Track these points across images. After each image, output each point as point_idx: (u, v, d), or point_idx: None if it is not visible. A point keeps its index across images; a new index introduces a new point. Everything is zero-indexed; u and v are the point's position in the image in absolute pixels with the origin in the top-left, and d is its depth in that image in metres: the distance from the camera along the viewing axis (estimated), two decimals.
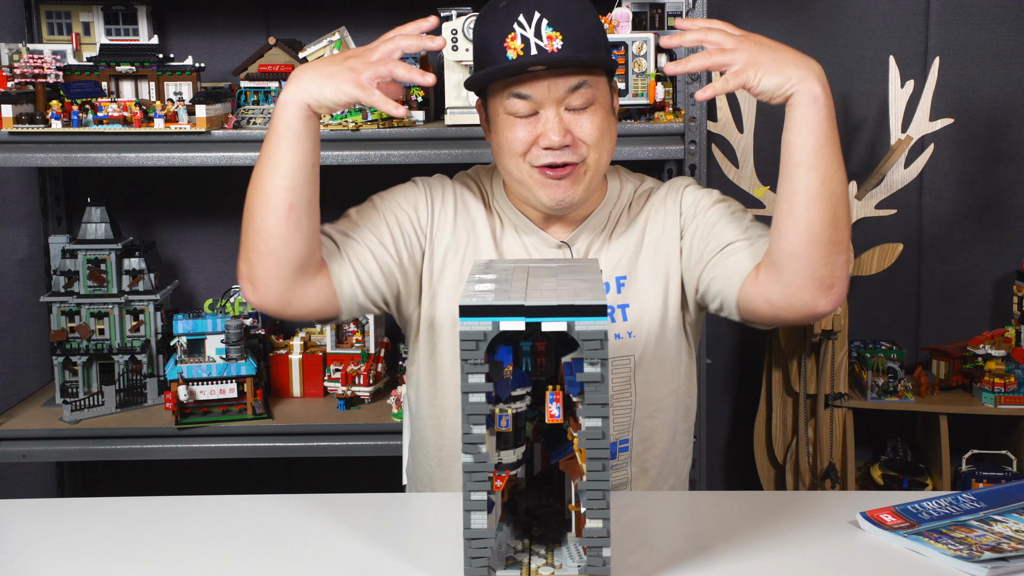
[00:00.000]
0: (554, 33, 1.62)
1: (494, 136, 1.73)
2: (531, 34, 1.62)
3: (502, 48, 1.63)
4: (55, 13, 2.88)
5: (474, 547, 1.28)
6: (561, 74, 1.64)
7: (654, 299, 1.78)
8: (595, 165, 1.70)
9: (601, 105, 1.68)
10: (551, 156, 1.66)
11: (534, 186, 1.70)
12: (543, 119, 1.66)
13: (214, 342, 2.64)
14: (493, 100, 1.71)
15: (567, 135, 1.65)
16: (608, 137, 1.70)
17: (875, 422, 3.11)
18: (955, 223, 3.15)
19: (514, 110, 1.67)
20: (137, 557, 1.46)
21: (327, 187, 3.07)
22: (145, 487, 3.16)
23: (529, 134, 1.67)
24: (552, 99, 1.65)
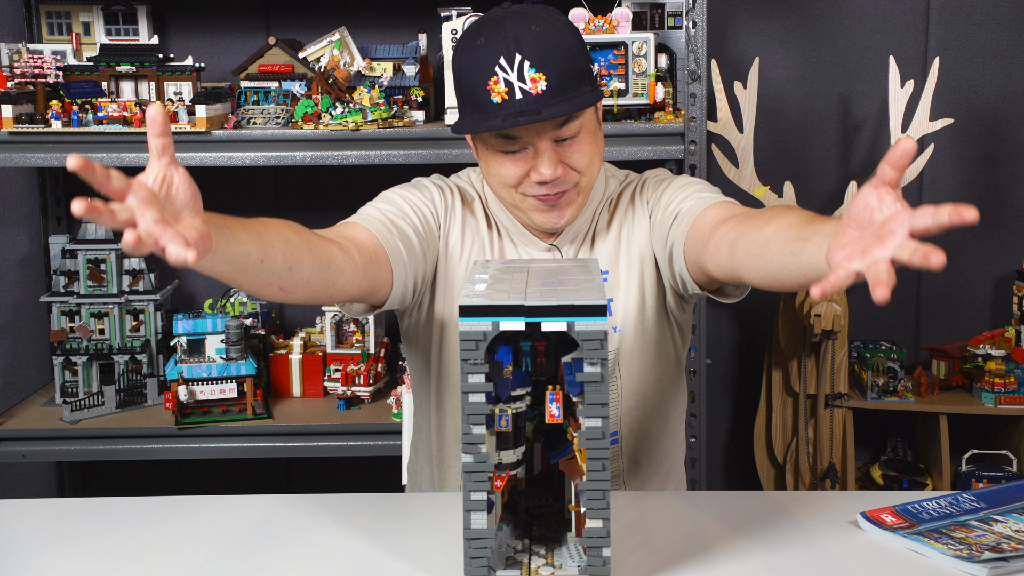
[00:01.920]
0: (537, 75, 1.59)
1: (483, 165, 1.73)
2: (514, 78, 1.60)
3: (486, 91, 1.61)
4: (55, 13, 2.88)
5: (474, 547, 1.28)
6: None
7: (633, 289, 1.79)
8: (587, 185, 1.71)
9: (588, 130, 1.68)
10: (545, 188, 1.67)
11: (528, 211, 1.71)
12: (533, 154, 1.65)
13: (214, 342, 2.64)
14: (480, 135, 1.69)
15: (559, 167, 1.65)
16: (597, 156, 1.71)
17: (875, 422, 3.11)
18: None
19: (503, 149, 1.66)
20: (137, 557, 1.46)
21: (327, 187, 3.09)
22: (145, 487, 3.16)
23: (521, 169, 1.67)
24: (542, 138, 1.64)
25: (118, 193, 1.13)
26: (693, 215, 1.65)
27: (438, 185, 1.82)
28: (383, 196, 1.79)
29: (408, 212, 1.74)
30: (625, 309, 1.79)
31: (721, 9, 3.02)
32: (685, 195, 1.72)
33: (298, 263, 1.45)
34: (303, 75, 2.70)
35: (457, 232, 1.79)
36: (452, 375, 1.79)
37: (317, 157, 2.59)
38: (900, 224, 1.11)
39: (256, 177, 3.09)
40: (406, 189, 1.81)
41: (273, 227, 1.46)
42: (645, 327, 1.79)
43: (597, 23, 2.61)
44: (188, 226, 1.18)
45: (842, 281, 1.11)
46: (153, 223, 1.12)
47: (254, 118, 2.65)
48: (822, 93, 3.11)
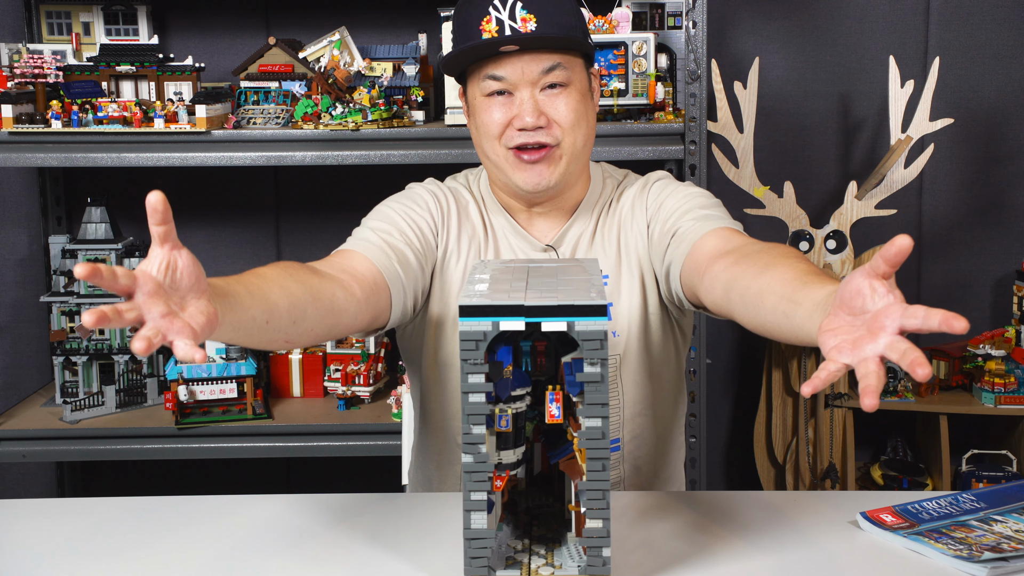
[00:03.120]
0: (528, 15, 1.64)
1: (472, 121, 1.75)
2: (505, 16, 1.65)
3: (477, 31, 1.66)
4: (55, 13, 2.88)
5: (474, 547, 1.27)
6: (535, 56, 1.66)
7: (634, 296, 1.78)
8: (570, 149, 1.70)
9: (577, 88, 1.70)
10: (525, 136, 1.68)
11: (510, 170, 1.71)
12: (517, 100, 1.68)
13: (214, 342, 2.64)
14: (471, 84, 1.73)
15: (541, 116, 1.67)
16: (584, 122, 1.71)
17: (875, 422, 3.11)
18: (955, 223, 3.15)
19: (489, 91, 1.69)
20: (137, 557, 1.46)
21: (327, 187, 3.09)
22: (145, 487, 3.16)
23: (504, 115, 1.68)
24: (526, 80, 1.67)
25: (125, 290, 1.14)
26: (692, 240, 1.64)
27: (432, 192, 1.82)
28: (379, 212, 1.79)
29: (405, 229, 1.74)
30: (628, 314, 1.78)
31: (721, 9, 3.02)
32: (685, 210, 1.72)
33: (302, 315, 1.45)
34: (303, 75, 2.70)
35: (454, 237, 1.79)
36: (449, 378, 1.79)
37: (317, 157, 2.59)
38: (891, 320, 1.12)
39: (256, 177, 3.09)
40: (401, 202, 1.80)
41: (275, 281, 1.43)
42: (647, 332, 1.79)
43: (597, 23, 2.61)
44: (195, 311, 1.18)
45: (832, 376, 1.13)
46: (160, 318, 1.14)
47: (254, 118, 2.65)
48: (822, 93, 3.11)
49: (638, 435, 1.82)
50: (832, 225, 2.84)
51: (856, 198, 2.83)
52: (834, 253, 2.83)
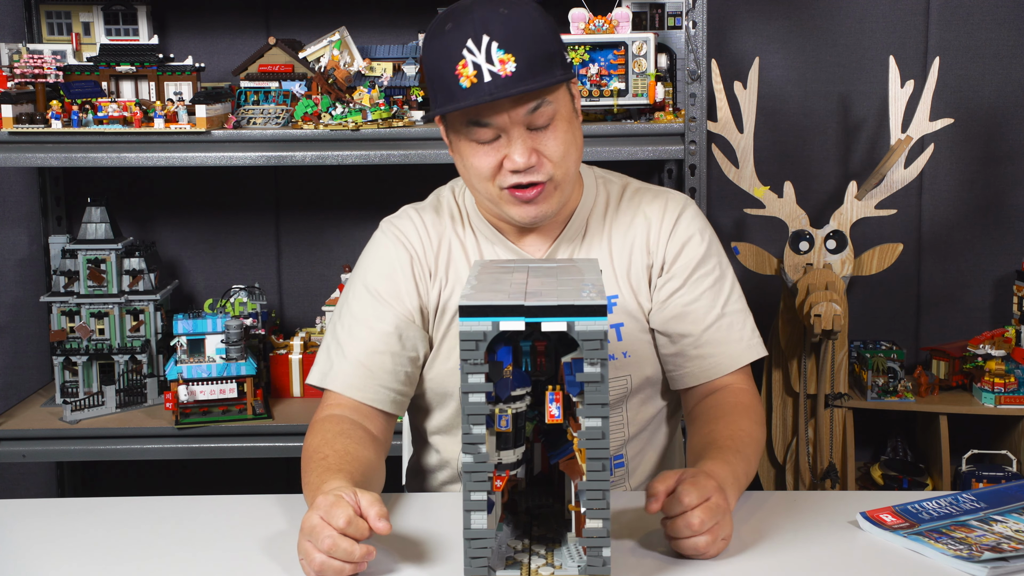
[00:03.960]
0: (505, 56, 1.56)
1: (458, 159, 1.69)
2: (482, 60, 1.56)
3: (454, 76, 1.58)
4: (55, 13, 2.88)
5: (474, 547, 1.27)
6: (519, 99, 1.59)
7: (642, 318, 1.77)
8: (563, 179, 1.67)
9: (563, 117, 1.65)
10: (518, 178, 1.63)
11: (505, 206, 1.68)
12: (506, 142, 1.62)
13: (214, 342, 2.64)
14: (452, 127, 1.66)
15: (532, 155, 1.62)
16: (574, 147, 1.67)
17: (875, 422, 3.11)
18: (955, 223, 3.15)
19: (476, 138, 1.63)
20: (137, 557, 1.46)
21: (327, 187, 3.08)
22: (145, 487, 3.16)
23: (495, 159, 1.63)
24: (514, 123, 1.61)
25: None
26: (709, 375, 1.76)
27: (406, 244, 1.76)
28: (352, 311, 1.76)
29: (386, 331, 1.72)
30: (641, 337, 1.77)
31: (721, 9, 3.02)
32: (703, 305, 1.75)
33: (377, 473, 1.65)
34: (303, 75, 2.70)
35: (442, 274, 1.76)
36: (447, 385, 1.79)
37: (317, 157, 2.59)
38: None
39: (256, 177, 3.09)
40: (370, 270, 1.77)
41: (365, 460, 1.61)
42: (652, 349, 1.78)
43: (597, 23, 2.61)
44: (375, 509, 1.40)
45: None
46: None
47: (254, 118, 2.65)
48: (822, 93, 3.11)
49: (641, 451, 1.83)
50: (832, 225, 2.84)
51: (856, 198, 2.83)
52: (834, 253, 2.83)
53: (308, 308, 3.13)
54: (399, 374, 1.73)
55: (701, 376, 1.76)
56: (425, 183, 1.98)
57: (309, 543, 1.36)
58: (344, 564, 1.34)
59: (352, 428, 1.66)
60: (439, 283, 1.76)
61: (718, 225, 3.14)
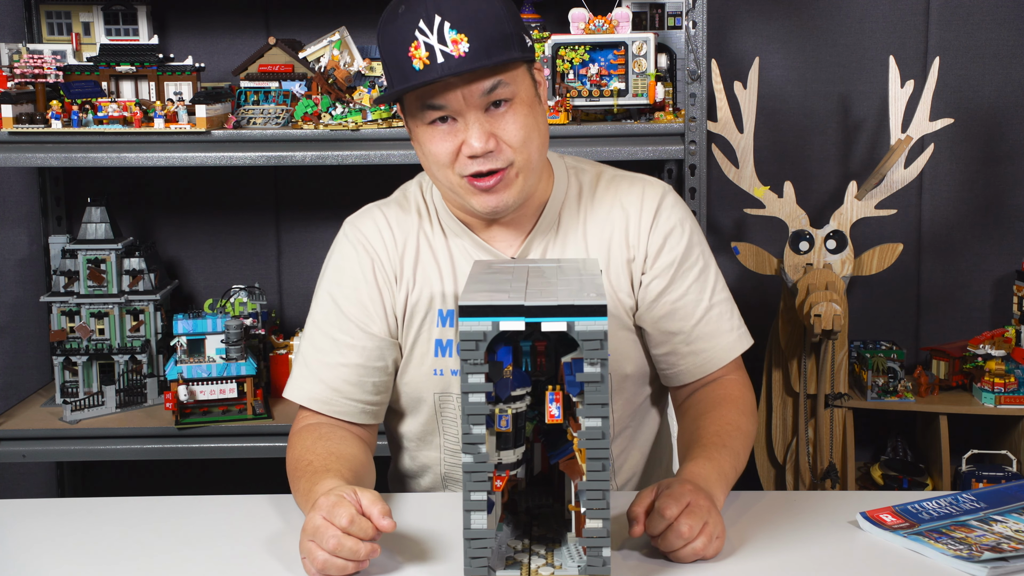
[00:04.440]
0: (458, 36, 1.52)
1: (418, 148, 1.65)
2: (434, 40, 1.52)
3: (407, 58, 1.54)
4: (55, 13, 2.88)
5: (474, 547, 1.27)
6: (473, 79, 1.55)
7: (621, 314, 1.74)
8: (525, 165, 1.61)
9: (522, 100, 1.59)
10: (477, 164, 1.58)
11: (466, 195, 1.62)
12: (462, 126, 1.58)
13: (214, 342, 2.64)
14: (410, 112, 1.62)
15: (490, 139, 1.57)
16: (536, 132, 1.61)
17: (875, 422, 3.11)
18: (955, 223, 3.15)
19: (431, 121, 1.59)
20: (137, 557, 1.46)
21: (327, 187, 3.08)
22: (145, 487, 3.16)
23: (452, 144, 1.58)
24: (469, 105, 1.56)
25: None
26: (702, 371, 1.76)
27: (369, 252, 1.73)
28: (316, 322, 1.75)
29: (350, 343, 1.71)
30: (619, 331, 1.74)
31: (721, 9, 3.02)
32: (688, 300, 1.74)
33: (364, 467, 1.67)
34: (303, 75, 2.70)
35: (408, 276, 1.72)
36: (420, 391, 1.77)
37: (317, 157, 2.59)
38: None
39: (256, 177, 3.09)
40: (338, 289, 1.74)
41: (351, 457, 1.63)
42: (628, 343, 1.76)
43: (597, 23, 2.61)
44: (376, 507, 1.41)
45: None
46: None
47: (254, 118, 2.65)
48: (822, 93, 3.11)
49: (624, 449, 1.82)
50: (832, 225, 2.84)
51: (856, 198, 2.83)
52: (834, 253, 2.83)
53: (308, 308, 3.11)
54: (366, 385, 1.70)
55: (696, 372, 1.76)
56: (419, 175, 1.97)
57: (312, 543, 1.36)
58: (347, 562, 1.34)
59: (331, 431, 1.66)
60: (406, 287, 1.72)
61: (718, 225, 3.14)
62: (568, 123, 2.59)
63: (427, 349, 1.72)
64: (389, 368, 1.73)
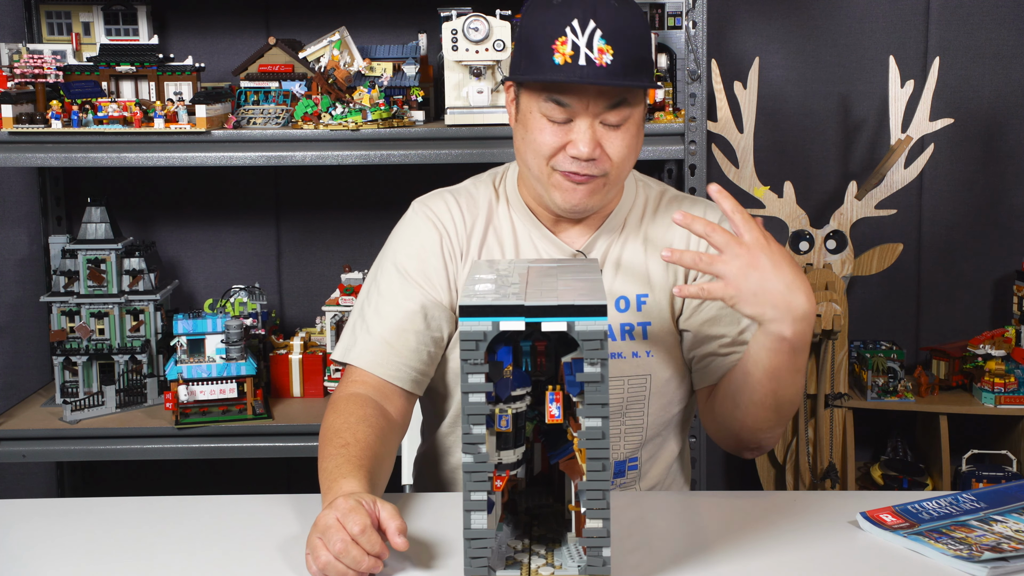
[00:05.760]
0: (606, 47, 1.57)
1: (521, 130, 1.69)
2: (583, 43, 1.57)
3: (550, 49, 1.58)
4: (55, 13, 2.88)
5: (474, 547, 1.28)
6: (603, 90, 1.61)
7: (670, 319, 1.77)
8: (616, 179, 1.69)
9: (635, 122, 1.66)
10: (576, 166, 1.64)
11: (551, 187, 1.67)
12: (576, 129, 1.63)
13: (214, 342, 2.64)
14: (527, 95, 1.66)
15: (596, 148, 1.63)
16: (634, 153, 1.69)
17: (875, 422, 3.11)
18: (955, 223, 3.15)
19: (549, 114, 1.63)
20: (137, 557, 1.46)
21: (327, 187, 3.09)
22: (145, 487, 3.16)
23: (559, 140, 1.64)
24: (590, 112, 1.62)
25: None
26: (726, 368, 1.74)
27: (438, 226, 1.76)
28: (379, 288, 1.76)
29: (412, 309, 1.72)
30: (667, 338, 1.76)
31: (721, 9, 3.02)
32: (729, 316, 1.75)
33: (390, 468, 1.66)
34: (303, 75, 2.70)
35: (474, 255, 1.76)
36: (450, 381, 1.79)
37: (317, 157, 2.59)
38: None
39: (256, 177, 3.09)
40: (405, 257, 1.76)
41: (383, 456, 1.62)
42: (678, 356, 1.78)
43: None
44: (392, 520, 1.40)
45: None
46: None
47: (254, 118, 2.65)
48: (822, 93, 3.11)
49: (655, 455, 1.82)
50: (832, 225, 2.84)
51: (856, 198, 2.83)
52: (834, 253, 2.83)
53: (308, 308, 3.13)
54: (422, 353, 1.72)
55: (728, 369, 1.75)
56: (425, 183, 1.97)
57: (320, 540, 1.36)
58: (348, 569, 1.34)
59: (374, 414, 1.65)
60: (470, 263, 1.75)
61: None
62: None
63: None
64: (443, 340, 1.75)
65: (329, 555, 1.34)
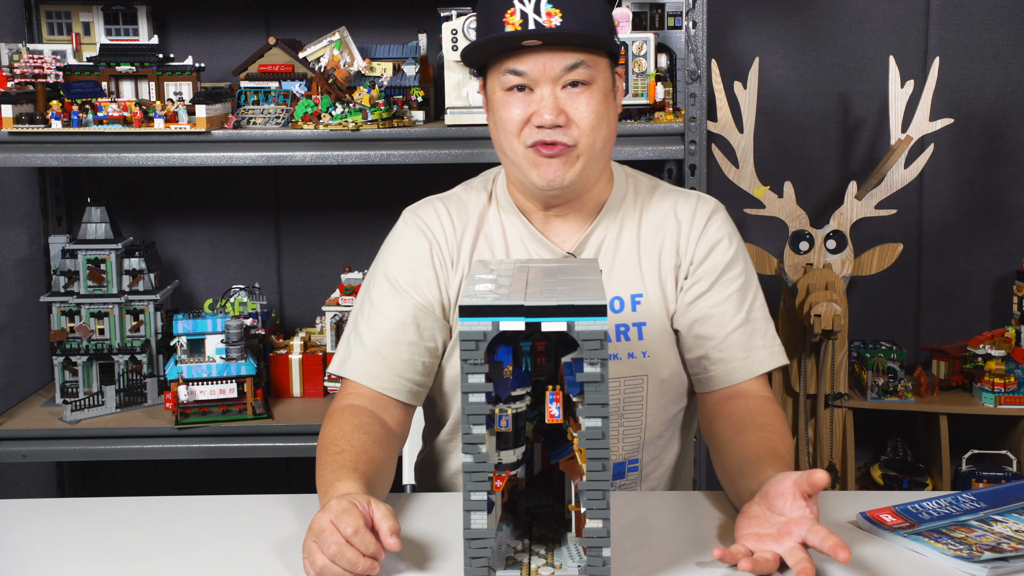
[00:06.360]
0: (554, 9, 1.60)
1: (491, 116, 1.71)
2: (530, 9, 1.61)
3: (501, 23, 1.62)
4: (55, 13, 2.88)
5: (474, 547, 1.27)
6: (557, 51, 1.62)
7: (665, 318, 1.76)
8: (588, 151, 1.66)
9: (599, 88, 1.65)
10: (543, 134, 1.64)
11: (527, 166, 1.67)
12: (537, 97, 1.64)
13: (214, 342, 2.64)
14: (491, 78, 1.69)
15: (560, 114, 1.63)
16: (605, 122, 1.67)
17: (875, 422, 3.11)
18: (955, 223, 3.15)
19: (509, 86, 1.65)
20: (137, 557, 1.46)
21: (327, 187, 3.09)
22: (145, 487, 3.16)
23: (524, 112, 1.65)
24: (547, 77, 1.63)
25: None
26: (720, 383, 1.74)
27: (428, 236, 1.77)
28: (371, 300, 1.76)
29: (404, 320, 1.72)
30: (663, 338, 1.76)
31: (721, 9, 3.02)
32: (727, 308, 1.74)
33: (390, 473, 1.66)
34: (303, 75, 2.70)
35: (465, 262, 1.76)
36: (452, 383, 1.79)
37: (317, 157, 2.59)
38: (798, 529, 1.35)
39: (256, 177, 3.09)
40: (396, 268, 1.76)
41: (380, 460, 1.61)
42: (676, 356, 1.78)
43: None
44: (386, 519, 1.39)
45: (738, 556, 1.36)
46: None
47: (254, 118, 2.65)
48: (822, 93, 3.11)
49: (656, 456, 1.82)
50: (832, 225, 2.84)
51: (856, 198, 2.83)
52: (834, 253, 2.83)
53: (308, 308, 3.13)
54: (416, 364, 1.72)
55: (725, 380, 1.74)
56: (425, 183, 1.98)
57: (315, 544, 1.36)
58: (344, 572, 1.34)
59: (370, 422, 1.65)
60: (461, 271, 1.75)
61: None
62: None
63: None
64: (438, 350, 1.75)
65: (325, 559, 1.34)
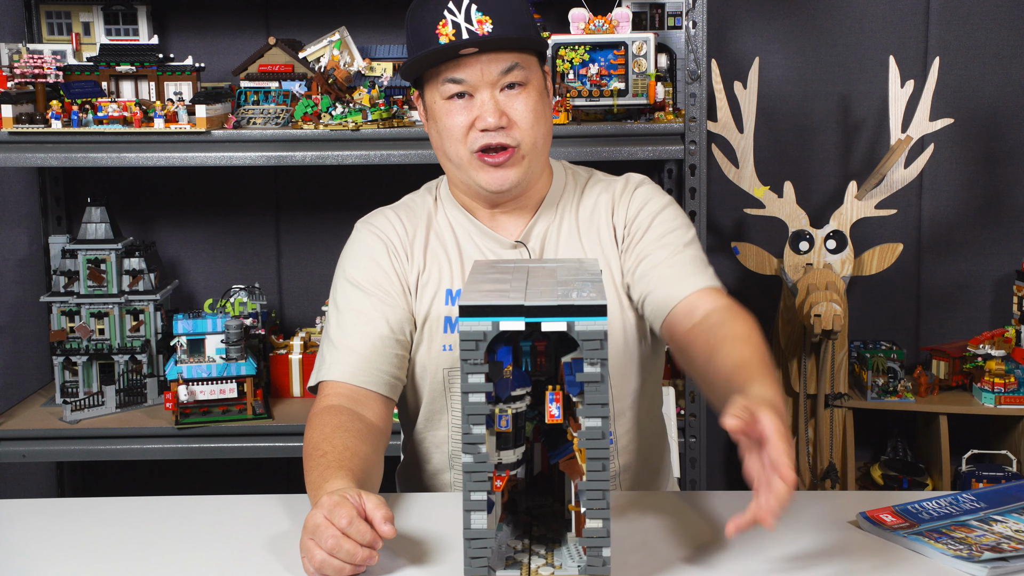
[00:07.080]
0: (483, 17, 1.68)
1: (433, 125, 1.77)
2: (461, 19, 1.68)
3: (434, 35, 1.68)
4: (55, 13, 2.88)
5: (474, 547, 1.27)
6: (493, 57, 1.69)
7: (613, 296, 1.80)
8: (531, 149, 1.74)
9: (534, 87, 1.73)
10: (487, 137, 1.71)
11: (473, 172, 1.74)
12: (478, 102, 1.71)
13: (214, 342, 2.64)
14: (429, 89, 1.75)
15: (502, 116, 1.70)
16: (543, 119, 1.75)
17: (875, 422, 3.12)
18: (955, 223, 3.15)
19: (449, 94, 1.71)
20: (137, 557, 1.46)
21: (327, 187, 3.09)
22: (145, 487, 3.16)
23: (467, 117, 1.71)
24: (486, 81, 1.70)
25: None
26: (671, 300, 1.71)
27: (380, 236, 1.81)
28: (338, 306, 1.79)
29: (373, 316, 1.75)
30: (609, 317, 1.76)
31: (721, 9, 3.02)
32: (663, 244, 1.76)
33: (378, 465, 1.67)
34: (303, 75, 2.70)
35: (419, 259, 1.81)
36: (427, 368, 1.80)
37: (317, 157, 2.59)
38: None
39: (256, 177, 3.09)
40: (356, 271, 1.80)
41: (366, 455, 1.61)
42: (626, 326, 1.80)
43: (597, 23, 2.61)
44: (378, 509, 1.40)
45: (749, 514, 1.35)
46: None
47: (254, 118, 2.65)
48: (822, 93, 3.11)
49: (630, 429, 1.83)
50: (832, 225, 2.84)
51: (856, 198, 2.83)
52: (834, 253, 2.83)
53: (308, 308, 3.13)
54: (390, 356, 1.75)
55: (676, 294, 1.72)
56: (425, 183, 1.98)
57: (312, 541, 1.36)
58: (344, 564, 1.34)
59: (350, 420, 1.65)
60: (416, 266, 1.81)
61: (718, 225, 3.14)
62: (568, 123, 2.59)
63: (437, 326, 1.79)
64: (407, 342, 1.79)
65: (323, 553, 1.34)
